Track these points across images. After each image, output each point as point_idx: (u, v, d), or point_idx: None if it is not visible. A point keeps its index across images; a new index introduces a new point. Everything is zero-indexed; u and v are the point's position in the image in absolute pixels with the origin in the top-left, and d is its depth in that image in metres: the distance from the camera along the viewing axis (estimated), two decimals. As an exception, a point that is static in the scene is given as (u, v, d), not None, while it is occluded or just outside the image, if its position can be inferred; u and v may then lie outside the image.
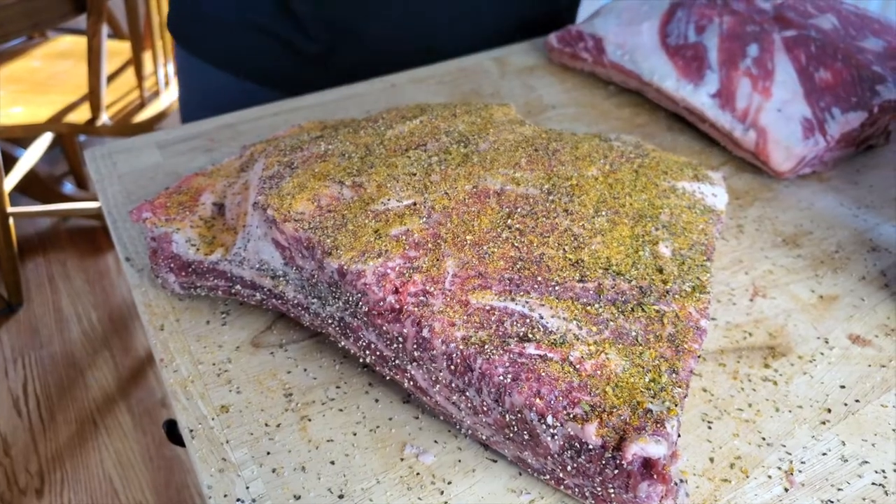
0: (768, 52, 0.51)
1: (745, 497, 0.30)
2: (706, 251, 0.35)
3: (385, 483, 0.30)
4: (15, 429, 1.34)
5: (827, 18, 0.54)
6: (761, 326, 0.38)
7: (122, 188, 0.48)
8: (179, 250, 0.36)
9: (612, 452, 0.26)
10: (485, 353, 0.28)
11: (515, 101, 0.59)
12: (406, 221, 0.33)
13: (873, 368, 0.36)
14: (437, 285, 0.30)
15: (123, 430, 1.34)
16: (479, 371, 0.28)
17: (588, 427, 0.26)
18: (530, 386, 0.27)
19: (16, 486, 1.24)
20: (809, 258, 0.43)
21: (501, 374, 0.27)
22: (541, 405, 0.27)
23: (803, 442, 0.32)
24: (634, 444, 0.25)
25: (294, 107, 0.56)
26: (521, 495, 0.30)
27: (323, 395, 0.34)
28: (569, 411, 0.26)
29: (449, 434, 0.32)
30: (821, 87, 0.50)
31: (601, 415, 0.26)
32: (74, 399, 1.39)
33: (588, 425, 0.26)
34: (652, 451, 0.25)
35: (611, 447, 0.26)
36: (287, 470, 0.31)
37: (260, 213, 0.34)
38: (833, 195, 0.49)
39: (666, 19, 0.57)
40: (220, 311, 0.39)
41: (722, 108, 0.51)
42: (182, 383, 0.34)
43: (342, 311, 0.32)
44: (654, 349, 0.29)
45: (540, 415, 0.27)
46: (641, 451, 0.25)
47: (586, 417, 0.26)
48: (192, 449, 0.31)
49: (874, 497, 0.30)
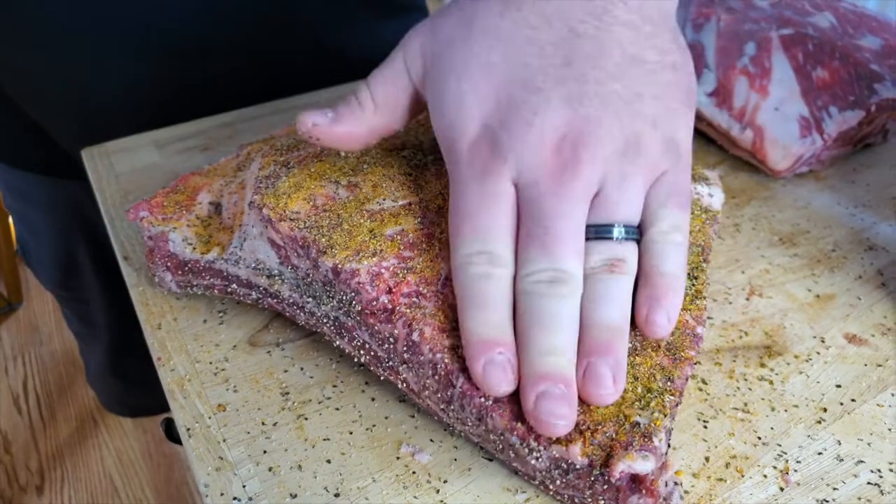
0: (766, 50, 0.51)
1: (740, 496, 0.30)
2: (703, 252, 0.35)
3: (381, 482, 0.30)
4: (15, 426, 1.34)
5: (825, 16, 0.54)
6: (757, 325, 0.38)
7: (119, 187, 0.48)
8: (176, 249, 0.36)
9: (599, 470, 0.25)
10: (467, 370, 0.27)
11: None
12: (401, 221, 0.33)
13: (869, 368, 0.36)
14: (431, 287, 0.30)
15: (123, 429, 1.34)
16: (461, 389, 0.27)
17: (573, 448, 0.25)
18: (512, 409, 0.27)
19: (16, 484, 1.24)
20: (806, 257, 0.43)
21: (482, 394, 0.27)
22: (522, 429, 0.26)
23: (799, 441, 0.32)
24: (621, 462, 0.25)
25: (291, 105, 0.56)
26: (516, 494, 0.30)
27: (319, 393, 0.34)
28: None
29: (445, 433, 0.32)
30: (818, 86, 0.50)
31: (585, 433, 0.26)
32: (74, 397, 1.39)
33: (572, 446, 0.25)
34: (639, 467, 0.25)
35: (598, 465, 0.25)
36: (283, 468, 0.31)
37: (256, 213, 0.34)
38: (830, 194, 0.49)
39: (664, 18, 0.57)
40: (217, 310, 0.39)
41: (719, 106, 0.51)
42: (179, 382, 0.35)
43: (336, 311, 0.32)
44: (649, 360, 0.29)
45: (522, 439, 0.26)
46: (628, 469, 0.25)
47: (570, 438, 0.26)
48: (188, 447, 0.32)
49: (870, 496, 0.30)
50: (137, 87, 0.55)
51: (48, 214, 0.65)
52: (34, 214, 0.67)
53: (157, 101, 0.55)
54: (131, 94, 0.55)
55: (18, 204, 0.68)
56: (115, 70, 0.53)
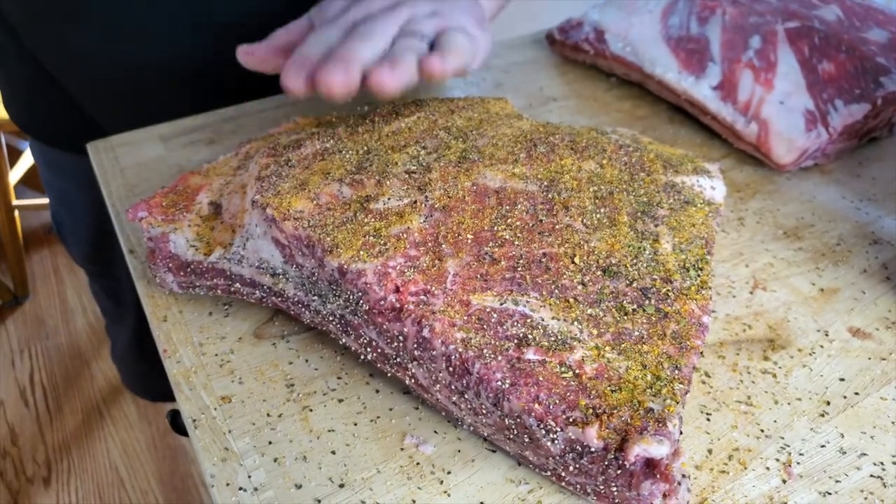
0: (771, 43, 0.51)
1: (742, 488, 0.30)
2: (706, 245, 0.35)
3: (385, 472, 0.31)
4: (22, 419, 1.35)
5: (831, 9, 0.54)
6: (761, 319, 0.38)
7: (124, 181, 0.48)
8: (178, 250, 0.36)
9: (614, 454, 0.26)
10: (483, 356, 0.28)
11: (517, 94, 0.59)
12: (406, 220, 0.33)
13: (873, 361, 0.36)
14: (439, 285, 0.30)
15: (129, 421, 1.35)
16: (477, 375, 0.28)
17: (589, 430, 0.26)
18: (528, 391, 0.27)
19: (23, 476, 1.26)
20: (810, 251, 0.43)
21: (499, 378, 0.27)
22: (539, 410, 0.27)
23: (802, 434, 0.32)
24: (637, 446, 0.25)
25: (295, 100, 0.56)
26: (519, 485, 0.30)
27: (324, 385, 0.34)
28: (568, 415, 0.26)
29: (448, 425, 0.33)
30: (824, 79, 0.49)
31: (601, 417, 0.26)
32: (80, 390, 1.40)
33: (589, 428, 0.26)
34: (654, 451, 0.25)
35: (613, 449, 0.26)
36: (289, 459, 0.31)
37: (259, 212, 0.34)
38: (835, 188, 0.48)
39: (668, 10, 0.57)
40: (222, 302, 0.39)
41: (723, 100, 0.51)
42: (185, 374, 0.35)
43: (343, 309, 0.32)
44: (656, 348, 0.29)
45: (539, 420, 0.26)
46: (644, 452, 0.25)
47: (586, 420, 0.26)
48: (195, 438, 0.32)
49: (872, 489, 0.30)
50: (182, 65, 0.56)
51: (82, 189, 0.67)
52: (69, 189, 0.69)
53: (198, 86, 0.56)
54: (172, 74, 0.56)
55: (55, 179, 0.70)
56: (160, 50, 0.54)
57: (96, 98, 0.59)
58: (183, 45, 0.54)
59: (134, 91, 0.57)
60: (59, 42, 0.54)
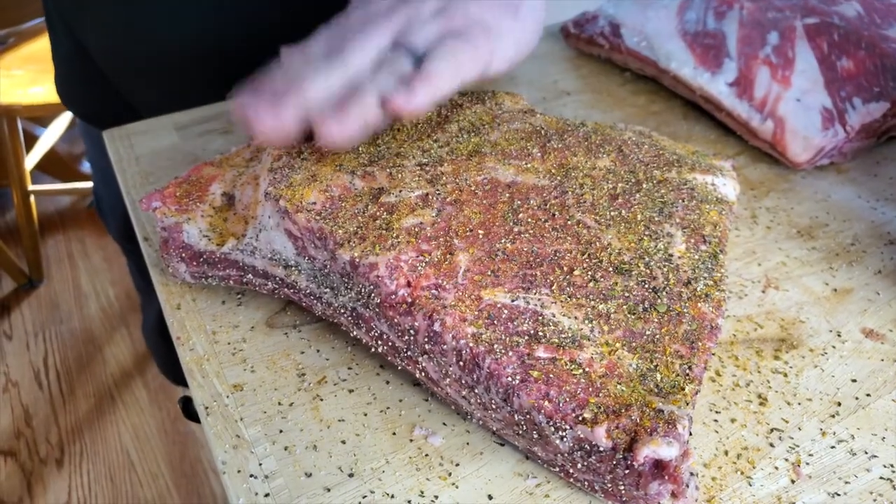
0: (789, 39, 0.51)
1: (750, 488, 0.30)
2: (719, 243, 0.35)
3: (394, 463, 0.31)
4: (36, 400, 1.37)
5: (851, 5, 0.53)
6: (773, 318, 0.38)
7: (139, 169, 0.49)
8: (191, 240, 0.37)
9: (622, 454, 0.26)
10: (494, 352, 0.28)
11: (531, 87, 0.58)
12: (418, 213, 0.33)
13: (886, 363, 0.36)
14: (450, 279, 0.30)
15: (140, 405, 1.37)
16: (488, 370, 0.28)
17: (598, 429, 0.26)
18: (538, 388, 0.27)
19: (37, 456, 1.28)
20: (824, 250, 0.43)
21: (510, 374, 0.27)
22: (549, 408, 0.27)
23: (811, 435, 0.32)
24: (646, 447, 0.25)
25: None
26: (527, 479, 0.30)
27: (335, 375, 0.35)
28: (578, 413, 0.26)
29: (457, 417, 0.33)
30: (842, 77, 0.49)
31: (611, 416, 0.26)
32: (93, 373, 1.42)
33: (598, 428, 0.26)
34: (664, 453, 0.25)
35: (621, 449, 0.26)
36: (299, 448, 0.31)
37: (272, 204, 0.34)
38: (851, 187, 0.48)
39: (684, 5, 0.56)
40: (235, 291, 0.39)
41: (739, 96, 0.50)
42: (198, 361, 0.35)
43: (354, 302, 0.32)
44: (668, 348, 0.29)
45: (548, 417, 0.27)
46: (653, 454, 0.25)
47: (596, 420, 0.26)
48: (206, 425, 0.32)
49: (881, 491, 0.30)
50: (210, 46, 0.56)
51: None
52: (110, 167, 0.71)
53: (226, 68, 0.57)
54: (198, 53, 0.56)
55: (98, 156, 0.72)
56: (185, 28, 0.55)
57: (123, 77, 0.60)
58: (206, 25, 0.55)
59: (156, 71, 0.57)
60: (94, 19, 0.56)
